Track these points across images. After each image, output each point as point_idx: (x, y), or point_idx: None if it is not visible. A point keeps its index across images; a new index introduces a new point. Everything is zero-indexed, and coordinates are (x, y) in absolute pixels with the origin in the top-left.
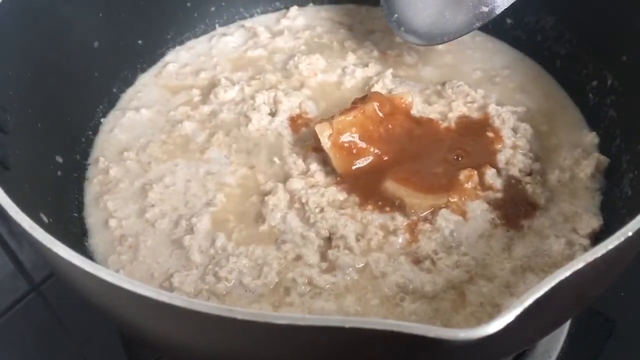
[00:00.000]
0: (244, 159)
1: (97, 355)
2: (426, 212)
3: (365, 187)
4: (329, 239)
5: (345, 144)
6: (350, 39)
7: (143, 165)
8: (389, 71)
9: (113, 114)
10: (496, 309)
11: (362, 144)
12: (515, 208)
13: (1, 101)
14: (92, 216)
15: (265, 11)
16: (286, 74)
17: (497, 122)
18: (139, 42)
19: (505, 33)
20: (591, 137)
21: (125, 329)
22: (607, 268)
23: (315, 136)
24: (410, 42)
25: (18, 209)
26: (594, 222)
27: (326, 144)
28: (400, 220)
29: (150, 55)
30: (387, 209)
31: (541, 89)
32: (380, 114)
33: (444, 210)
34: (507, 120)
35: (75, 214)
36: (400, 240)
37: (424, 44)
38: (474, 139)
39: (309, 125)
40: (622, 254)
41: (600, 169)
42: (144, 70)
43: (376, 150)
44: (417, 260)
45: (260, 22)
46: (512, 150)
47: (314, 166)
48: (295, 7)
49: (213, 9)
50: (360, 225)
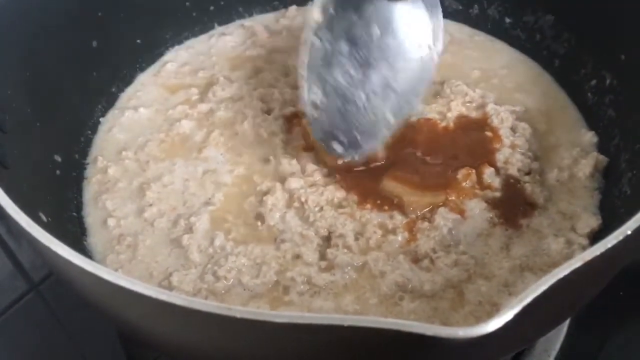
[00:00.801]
0: (240, 157)
1: (96, 355)
2: (424, 211)
3: (364, 186)
4: (328, 238)
5: None
6: None
7: (141, 165)
8: None
9: (112, 113)
10: (495, 308)
11: None
12: (513, 207)
13: (0, 101)
14: (91, 215)
15: (264, 11)
16: (284, 72)
17: (496, 122)
18: (138, 42)
19: (504, 32)
20: (590, 137)
21: (124, 328)
22: (606, 267)
23: (304, 133)
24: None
25: (17, 208)
26: (593, 222)
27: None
28: (399, 219)
29: (149, 54)
30: (386, 207)
31: (540, 89)
32: None
33: (442, 209)
34: (506, 119)
35: (74, 213)
36: (399, 238)
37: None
38: (472, 138)
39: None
40: (621, 252)
41: (599, 168)
42: (142, 70)
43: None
44: (416, 259)
45: (259, 22)
46: (511, 149)
47: (310, 166)
48: (294, 7)
49: (212, 8)
50: (359, 224)
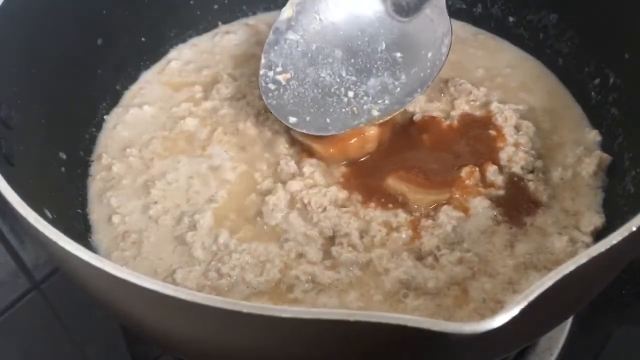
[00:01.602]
0: (243, 155)
1: (98, 354)
2: (429, 208)
3: (367, 185)
4: (333, 237)
5: None
6: None
7: (145, 162)
8: None
9: (116, 111)
10: (499, 306)
11: None
12: (517, 205)
13: (6, 98)
14: (96, 212)
15: (268, 9)
16: None
17: (500, 120)
18: (142, 40)
19: (507, 31)
20: (593, 135)
21: (129, 324)
22: (610, 264)
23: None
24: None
25: (24, 204)
26: (597, 220)
27: None
28: (403, 216)
29: (153, 52)
30: (390, 205)
31: (543, 87)
32: None
33: (446, 207)
34: (510, 118)
35: (79, 210)
36: (403, 236)
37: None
38: (476, 136)
39: None
40: (625, 250)
41: (602, 167)
42: (147, 68)
43: None
44: (420, 257)
45: (263, 20)
46: (514, 147)
47: (307, 168)
48: None
49: (216, 6)
50: (363, 223)
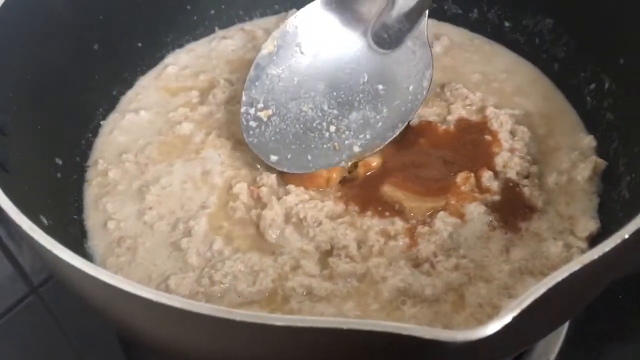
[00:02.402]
0: (235, 160)
1: (95, 358)
2: (425, 215)
3: (363, 196)
4: (330, 251)
5: None
6: None
7: (141, 167)
8: None
9: (112, 117)
10: (495, 310)
11: None
12: (513, 211)
13: (1, 103)
14: (92, 218)
15: (264, 14)
16: None
17: (495, 125)
18: (139, 45)
19: (503, 36)
20: (589, 140)
21: (124, 331)
22: (605, 270)
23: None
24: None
25: (18, 211)
26: (592, 225)
27: None
28: (400, 224)
29: (150, 57)
30: (387, 213)
31: (539, 92)
32: None
33: (442, 213)
34: (505, 123)
35: (74, 216)
36: (400, 244)
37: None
38: (472, 141)
39: None
40: (620, 256)
41: (597, 172)
42: (143, 73)
43: None
44: (417, 264)
45: (260, 25)
46: (510, 153)
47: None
48: (295, 10)
49: (212, 12)
50: (360, 232)
